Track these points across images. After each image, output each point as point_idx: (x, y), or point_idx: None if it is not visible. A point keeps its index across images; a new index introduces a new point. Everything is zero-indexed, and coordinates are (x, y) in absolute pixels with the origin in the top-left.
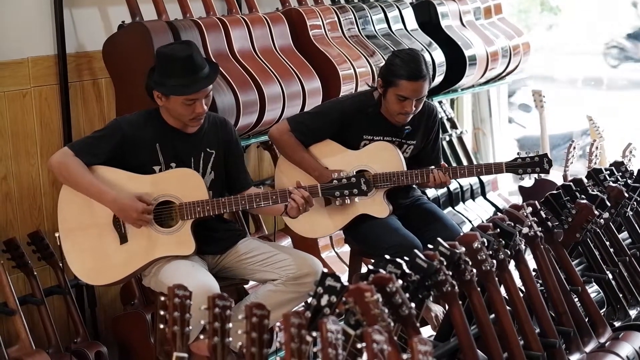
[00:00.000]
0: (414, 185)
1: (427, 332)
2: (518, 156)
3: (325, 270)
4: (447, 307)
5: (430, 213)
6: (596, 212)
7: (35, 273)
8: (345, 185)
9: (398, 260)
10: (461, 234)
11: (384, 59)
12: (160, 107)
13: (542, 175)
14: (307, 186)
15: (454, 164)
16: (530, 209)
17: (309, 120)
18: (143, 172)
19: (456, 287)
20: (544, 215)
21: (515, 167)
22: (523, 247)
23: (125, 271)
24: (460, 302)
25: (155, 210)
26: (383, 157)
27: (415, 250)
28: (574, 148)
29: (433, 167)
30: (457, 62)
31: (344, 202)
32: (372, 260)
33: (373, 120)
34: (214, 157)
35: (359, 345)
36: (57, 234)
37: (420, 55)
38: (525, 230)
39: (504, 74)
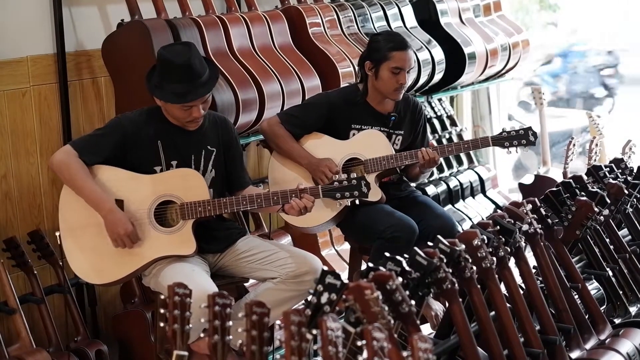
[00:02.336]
0: (408, 182)
1: (427, 329)
2: (503, 130)
3: (325, 268)
4: (447, 304)
5: (422, 203)
6: (596, 209)
7: (35, 272)
8: (346, 187)
9: (398, 257)
10: (453, 221)
11: None
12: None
13: (530, 149)
14: (308, 187)
15: (453, 161)
16: (530, 206)
17: (298, 112)
18: (144, 170)
19: (456, 285)
20: (543, 213)
21: (501, 140)
22: (523, 244)
23: (126, 270)
24: (460, 300)
25: (157, 210)
26: (372, 143)
27: (415, 248)
28: (574, 145)
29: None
30: (456, 59)
31: (344, 203)
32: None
33: (360, 110)
34: (214, 155)
35: (359, 343)
36: (57, 233)
37: (396, 32)
38: (525, 227)
39: (503, 72)
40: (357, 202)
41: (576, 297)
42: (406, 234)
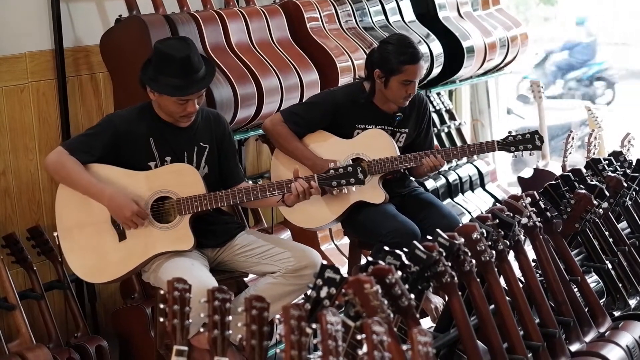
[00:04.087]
0: (411, 177)
1: (426, 323)
2: (510, 134)
3: (325, 262)
4: (446, 298)
5: (427, 202)
6: (595, 202)
7: (34, 268)
8: (342, 175)
9: (397, 251)
10: (459, 222)
11: None
12: (152, 100)
13: (535, 153)
14: (304, 176)
15: None
16: (529, 200)
17: (301, 111)
18: (138, 167)
19: (455, 278)
20: (542, 206)
21: (507, 144)
22: (522, 237)
23: (125, 268)
24: (459, 293)
25: (153, 206)
26: (376, 143)
27: (415, 242)
28: (573, 138)
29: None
30: (455, 53)
31: (341, 192)
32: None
33: (365, 109)
34: (207, 152)
35: (358, 337)
36: (55, 233)
37: (408, 37)
38: (524, 220)
39: (502, 65)
40: (354, 189)
41: (576, 290)
42: (407, 240)
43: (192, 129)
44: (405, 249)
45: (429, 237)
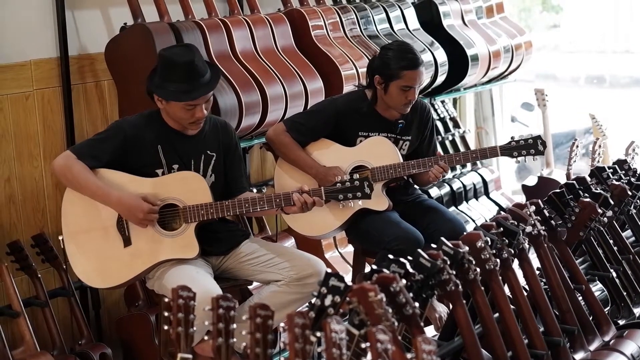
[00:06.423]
0: (415, 186)
1: (431, 331)
2: (512, 139)
3: (329, 270)
4: (450, 306)
5: (431, 207)
6: (599, 211)
7: (39, 275)
8: (349, 189)
9: (401, 259)
10: (464, 226)
11: None
12: (161, 109)
13: (538, 159)
14: (310, 190)
15: None
16: (533, 208)
17: (304, 120)
18: (145, 174)
19: (460, 286)
20: (547, 214)
21: (510, 149)
22: (526, 245)
23: (129, 274)
24: (464, 301)
25: (159, 213)
26: (379, 151)
27: (419, 250)
28: (577, 146)
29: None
30: (459, 61)
31: (347, 205)
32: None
33: (367, 117)
34: (214, 160)
35: (363, 345)
36: (60, 237)
37: (408, 43)
38: (528, 229)
39: (506, 73)
40: (360, 203)
41: (580, 298)
42: (411, 247)
43: (199, 137)
44: (409, 257)
45: (433, 245)
